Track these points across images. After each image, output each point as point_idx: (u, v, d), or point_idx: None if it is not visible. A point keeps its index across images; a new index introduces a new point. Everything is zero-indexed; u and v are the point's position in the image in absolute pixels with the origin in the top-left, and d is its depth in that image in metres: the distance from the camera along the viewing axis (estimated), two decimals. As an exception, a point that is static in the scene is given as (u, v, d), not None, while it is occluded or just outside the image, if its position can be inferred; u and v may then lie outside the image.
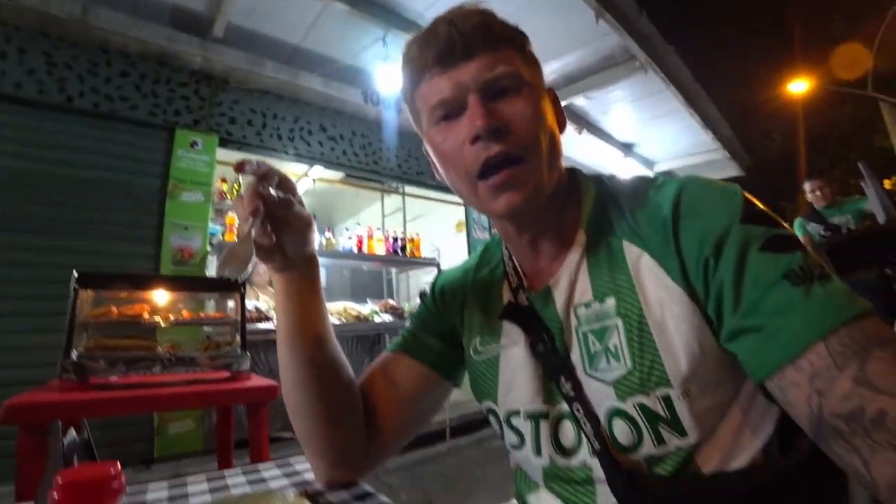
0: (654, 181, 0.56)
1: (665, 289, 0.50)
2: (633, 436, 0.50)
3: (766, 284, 0.42)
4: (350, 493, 0.62)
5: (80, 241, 2.91)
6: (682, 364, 0.47)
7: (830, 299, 0.40)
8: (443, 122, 0.55)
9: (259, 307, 3.22)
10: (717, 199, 0.49)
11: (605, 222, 0.57)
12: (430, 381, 0.68)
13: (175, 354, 1.61)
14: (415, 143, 4.85)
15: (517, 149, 0.51)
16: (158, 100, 3.30)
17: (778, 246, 0.44)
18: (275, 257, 0.57)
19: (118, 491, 0.40)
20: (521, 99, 0.52)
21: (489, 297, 0.66)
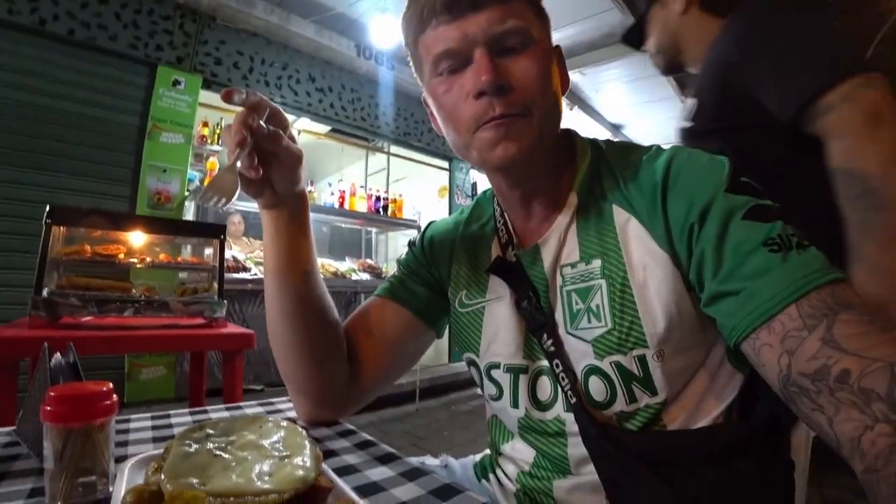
0: (648, 149, 0.57)
1: (650, 253, 0.51)
2: (606, 392, 0.53)
3: (746, 251, 0.44)
4: (333, 430, 0.64)
5: (52, 176, 2.79)
6: (659, 326, 0.50)
7: (805, 265, 0.42)
8: (446, 72, 0.53)
9: (236, 257, 3.18)
10: (705, 168, 0.50)
11: (597, 186, 0.58)
12: (413, 327, 0.69)
13: (150, 297, 1.58)
14: (405, 103, 4.75)
15: (519, 107, 0.51)
16: (140, 32, 3.12)
17: (759, 215, 0.45)
18: (263, 192, 0.56)
19: (110, 408, 0.40)
20: (528, 56, 0.52)
21: (478, 251, 0.67)
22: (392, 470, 0.51)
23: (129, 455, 0.47)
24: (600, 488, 0.53)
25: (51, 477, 0.39)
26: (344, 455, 0.55)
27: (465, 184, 5.44)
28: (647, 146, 0.59)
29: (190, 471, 0.36)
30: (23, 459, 0.50)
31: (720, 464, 0.50)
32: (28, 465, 0.49)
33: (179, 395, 3.01)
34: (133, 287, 1.63)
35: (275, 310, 0.62)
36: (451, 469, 0.75)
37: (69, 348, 0.55)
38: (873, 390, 0.35)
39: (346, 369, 0.65)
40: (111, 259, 1.61)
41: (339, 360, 0.65)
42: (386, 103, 4.60)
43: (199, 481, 0.35)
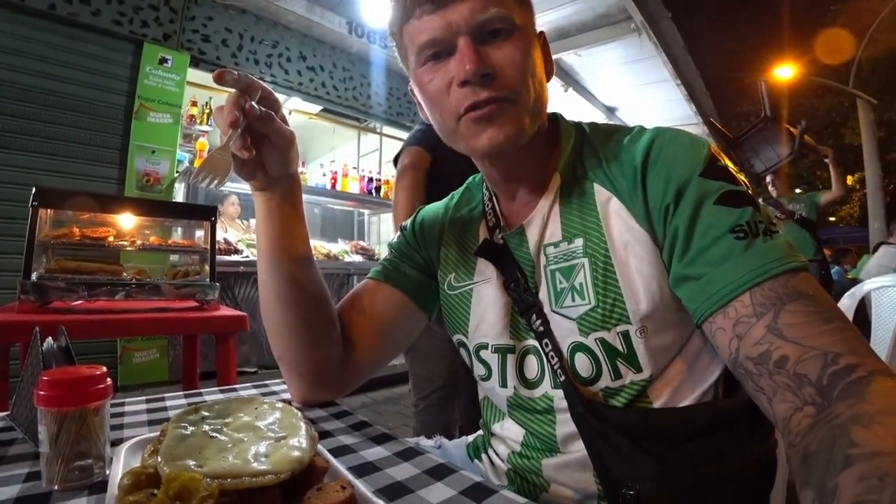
0: (631, 129, 0.59)
1: (630, 231, 0.53)
2: (592, 369, 0.54)
3: (714, 235, 0.46)
4: (327, 411, 0.64)
5: (37, 157, 2.73)
6: (641, 302, 0.51)
7: (766, 254, 0.44)
8: (430, 61, 0.54)
9: (228, 239, 3.15)
10: (684, 150, 0.52)
11: (579, 167, 0.59)
12: (406, 309, 0.70)
13: (141, 280, 1.57)
14: (397, 82, 4.68)
15: (504, 93, 0.52)
16: (124, 7, 3.03)
17: (732, 200, 0.47)
18: (255, 174, 0.57)
19: (105, 392, 0.40)
20: (512, 43, 0.52)
21: (466, 234, 0.68)
22: (387, 450, 0.51)
23: (124, 438, 0.47)
24: (588, 465, 0.54)
25: (47, 461, 0.39)
26: (339, 436, 0.55)
27: (458, 166, 5.39)
28: (630, 127, 0.59)
29: (186, 453, 0.36)
30: (18, 444, 0.50)
31: (705, 440, 0.52)
32: (23, 450, 0.49)
33: (173, 378, 3.01)
34: (124, 270, 1.62)
35: (268, 291, 0.62)
36: (445, 449, 0.76)
37: (61, 332, 0.55)
38: (806, 376, 0.38)
39: (340, 350, 0.66)
40: (100, 242, 1.59)
41: (333, 341, 0.65)
42: (378, 83, 4.53)
43: (196, 463, 0.35)
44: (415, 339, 0.74)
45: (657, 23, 4.32)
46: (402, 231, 0.76)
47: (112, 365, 2.86)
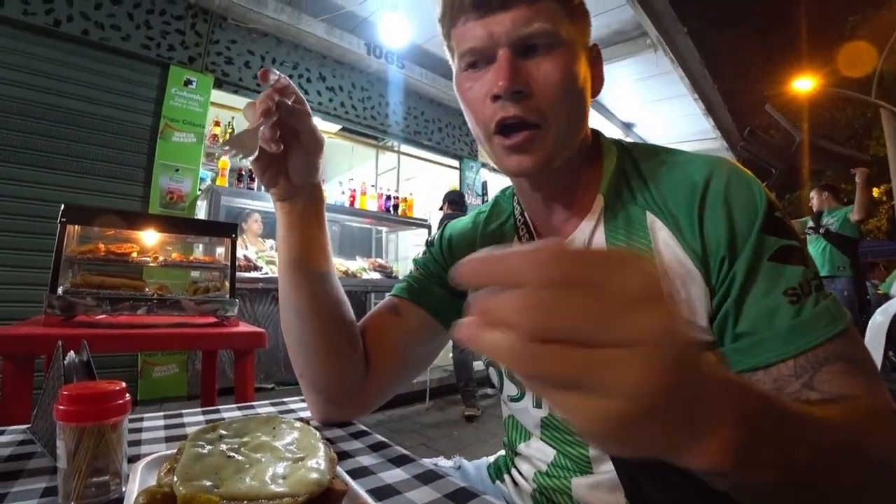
0: (677, 154, 0.57)
1: (680, 264, 0.51)
2: None
3: (767, 295, 0.47)
4: (346, 430, 0.63)
5: (65, 175, 2.82)
6: None
7: (816, 321, 0.45)
8: (471, 69, 0.54)
9: (248, 256, 3.19)
10: (747, 196, 0.50)
11: (625, 190, 0.56)
12: (429, 328, 0.67)
13: (162, 296, 1.59)
14: (414, 101, 4.75)
15: (534, 114, 0.51)
16: (152, 32, 3.15)
17: (786, 257, 0.47)
18: (278, 180, 0.56)
19: (123, 408, 0.40)
20: (553, 60, 0.51)
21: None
22: (406, 472, 0.50)
23: (142, 455, 0.46)
24: (619, 486, 0.52)
25: (64, 476, 0.39)
26: (358, 457, 0.54)
27: (475, 183, 5.42)
28: (674, 150, 0.58)
29: (203, 473, 0.35)
30: (37, 458, 0.50)
31: None
32: (42, 464, 0.49)
33: (191, 393, 3.03)
34: (146, 285, 1.64)
35: (289, 307, 0.61)
36: (464, 471, 0.74)
37: (83, 346, 0.55)
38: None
39: (362, 368, 0.64)
40: (124, 258, 1.62)
41: (355, 359, 0.63)
42: (396, 102, 4.60)
43: (213, 483, 0.34)
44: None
45: (673, 38, 4.32)
46: (428, 248, 0.75)
47: (132, 379, 2.89)
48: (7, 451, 0.52)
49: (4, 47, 2.68)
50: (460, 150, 5.23)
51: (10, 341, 1.18)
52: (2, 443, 0.54)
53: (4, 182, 2.63)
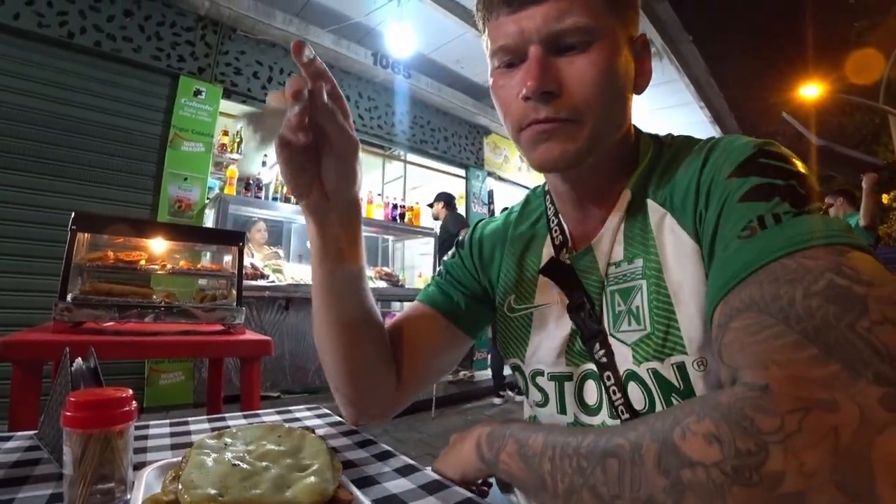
0: (699, 141, 0.53)
1: (682, 248, 0.48)
2: (645, 401, 0.50)
3: (726, 240, 0.41)
4: (351, 439, 0.63)
5: (76, 184, 2.86)
6: (696, 330, 0.46)
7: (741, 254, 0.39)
8: (504, 67, 0.52)
9: (255, 264, 3.21)
10: (729, 150, 0.47)
11: (648, 183, 0.54)
12: (453, 335, 0.67)
13: (170, 303, 1.60)
14: (421, 111, 4.77)
15: (566, 112, 0.48)
16: (163, 43, 3.20)
17: (759, 194, 0.41)
18: (311, 189, 0.50)
19: (129, 415, 0.40)
20: (588, 57, 0.47)
21: (528, 252, 0.64)
22: (412, 482, 0.49)
23: (147, 462, 0.46)
24: None
25: (69, 483, 0.39)
26: (363, 466, 0.53)
27: (481, 191, 5.42)
28: (704, 138, 0.54)
29: (208, 481, 0.35)
30: (43, 464, 0.50)
31: None
32: (48, 470, 0.49)
33: (197, 400, 3.03)
34: (153, 293, 1.65)
35: (324, 326, 0.59)
36: None
37: (90, 353, 0.55)
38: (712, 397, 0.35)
39: (394, 380, 0.64)
40: (133, 265, 1.63)
41: (389, 374, 0.63)
42: (402, 111, 4.63)
43: (218, 492, 0.34)
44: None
45: (678, 46, 4.34)
46: (457, 248, 0.73)
47: (139, 386, 2.90)
48: (14, 456, 0.52)
49: (19, 59, 2.73)
50: (466, 159, 5.25)
51: (19, 347, 1.18)
52: (9, 449, 0.55)
53: (17, 190, 2.67)
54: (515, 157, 5.89)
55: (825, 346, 0.31)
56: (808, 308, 0.32)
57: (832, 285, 0.33)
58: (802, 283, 0.34)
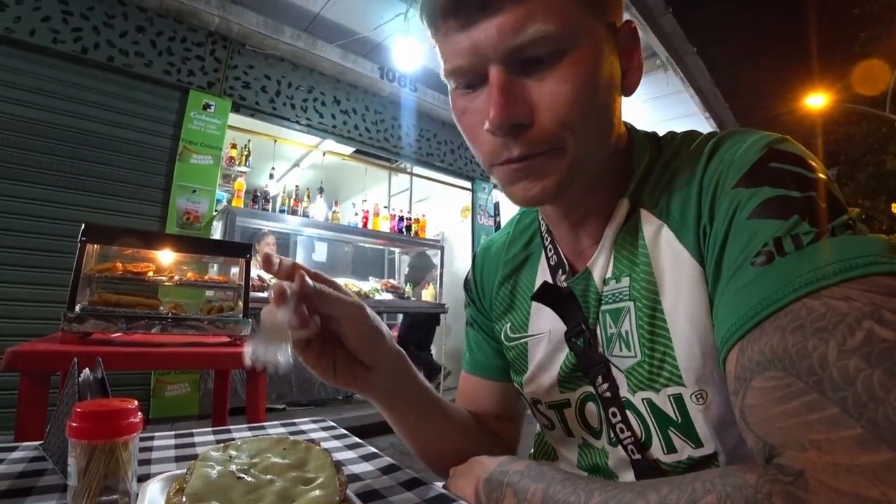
0: (701, 137, 0.47)
1: (681, 266, 0.43)
2: (641, 433, 0.46)
3: (737, 265, 0.36)
4: (356, 452, 0.62)
5: (86, 195, 2.89)
6: (695, 360, 0.41)
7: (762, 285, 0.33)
8: (463, 88, 0.44)
9: (262, 276, 3.22)
10: (733, 152, 0.41)
11: (643, 191, 0.48)
12: (508, 390, 0.65)
13: (177, 315, 1.61)
14: (427, 124, 4.81)
15: (543, 146, 0.41)
16: (173, 58, 3.26)
17: (771, 210, 0.35)
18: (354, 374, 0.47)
19: (135, 426, 0.40)
20: (560, 72, 0.39)
21: (521, 276, 0.60)
22: (417, 496, 0.48)
23: (151, 474, 0.46)
24: None
25: (74, 494, 0.39)
26: (369, 480, 0.53)
27: (487, 204, 5.43)
28: (703, 133, 0.48)
29: (212, 493, 0.35)
30: (48, 475, 0.50)
31: None
32: (53, 481, 0.48)
33: (203, 412, 3.02)
34: (161, 304, 1.67)
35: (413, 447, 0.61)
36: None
37: (97, 364, 0.55)
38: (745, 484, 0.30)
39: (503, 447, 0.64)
40: (141, 276, 1.65)
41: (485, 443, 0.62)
42: (409, 124, 4.66)
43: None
44: None
45: (682, 58, 4.35)
46: (467, 293, 0.69)
47: (145, 397, 2.90)
48: (19, 467, 0.52)
49: (34, 73, 2.79)
50: (472, 172, 5.27)
51: (28, 357, 1.19)
52: (14, 459, 0.54)
53: (28, 202, 2.71)
54: (521, 169, 5.89)
55: (872, 426, 0.25)
56: (844, 371, 0.27)
57: (872, 338, 0.27)
58: (835, 336, 0.28)
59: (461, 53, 0.41)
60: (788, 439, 0.28)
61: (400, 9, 3.55)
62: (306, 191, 3.99)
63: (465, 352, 0.70)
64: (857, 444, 0.25)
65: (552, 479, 0.41)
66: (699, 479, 0.31)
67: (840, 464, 0.25)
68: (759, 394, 0.31)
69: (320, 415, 0.87)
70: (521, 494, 0.42)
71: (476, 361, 0.67)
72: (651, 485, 0.34)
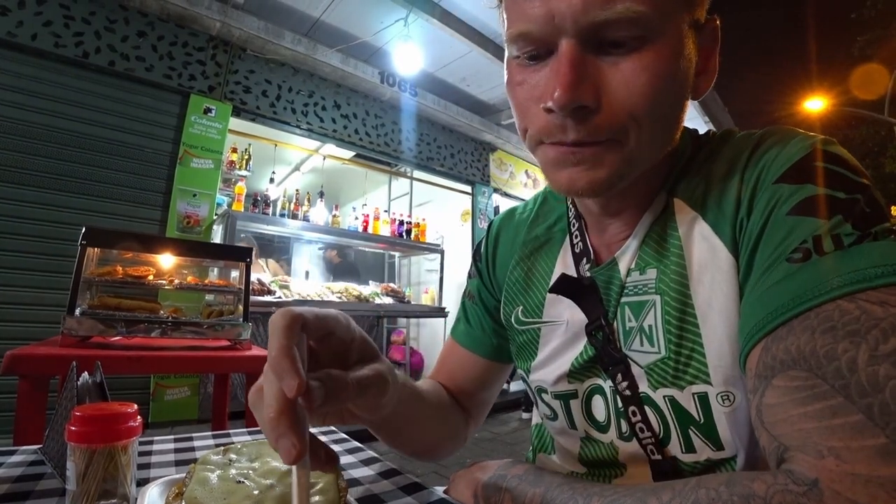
0: (738, 134, 0.46)
1: (716, 259, 0.41)
2: (660, 429, 0.45)
3: (772, 260, 0.35)
4: (357, 457, 0.62)
5: (87, 199, 2.90)
6: (726, 357, 0.40)
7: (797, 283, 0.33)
8: (524, 58, 0.40)
9: (262, 279, 3.22)
10: (779, 148, 0.40)
11: (679, 183, 0.47)
12: (492, 369, 0.66)
13: (177, 319, 1.60)
14: (427, 128, 4.82)
15: (604, 133, 0.38)
16: (174, 63, 3.27)
17: (810, 208, 0.34)
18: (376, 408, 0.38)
19: (134, 430, 0.40)
20: (640, 59, 0.36)
21: (540, 259, 0.57)
22: (418, 500, 0.48)
23: (151, 478, 0.46)
24: None
25: (72, 498, 0.38)
26: (369, 484, 0.52)
27: (487, 208, 5.44)
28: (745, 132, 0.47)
29: (212, 498, 0.35)
30: (47, 479, 0.50)
31: None
32: (51, 486, 0.48)
33: (203, 416, 3.02)
34: (161, 308, 1.66)
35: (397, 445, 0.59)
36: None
37: (96, 368, 0.55)
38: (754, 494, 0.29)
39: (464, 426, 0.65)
40: (141, 280, 1.64)
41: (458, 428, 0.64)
42: (409, 129, 4.67)
43: (221, 509, 0.33)
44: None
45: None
46: (475, 262, 0.67)
47: (144, 401, 2.90)
48: (18, 471, 0.52)
49: (35, 77, 2.80)
50: (472, 176, 5.28)
51: (27, 361, 1.19)
52: (13, 463, 0.54)
53: (29, 205, 2.71)
54: (521, 174, 5.91)
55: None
56: (873, 377, 0.26)
57: None
58: (867, 340, 0.27)
59: (534, 19, 0.37)
60: (805, 443, 0.27)
61: (400, 14, 3.56)
62: (307, 195, 4.00)
63: (459, 321, 0.68)
64: (880, 455, 0.24)
65: (550, 483, 0.41)
66: (703, 486, 0.30)
67: (859, 474, 0.24)
68: (780, 392, 0.30)
69: (320, 419, 0.87)
70: (519, 499, 0.42)
71: (470, 335, 0.66)
72: (651, 490, 0.33)
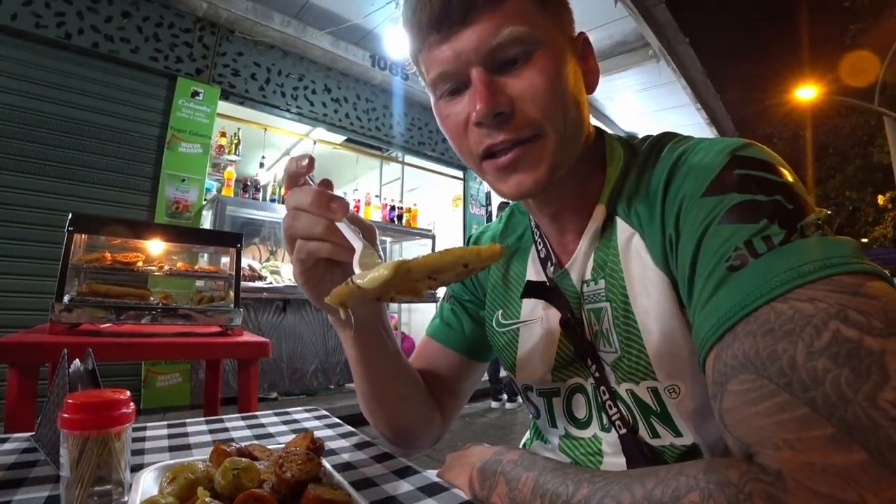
0: (669, 144, 0.49)
1: (647, 273, 0.47)
2: (629, 420, 0.50)
3: (710, 268, 0.37)
4: (349, 441, 0.63)
5: (73, 185, 2.85)
6: (665, 357, 0.45)
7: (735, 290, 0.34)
8: (447, 96, 0.48)
9: (252, 265, 3.20)
10: (700, 160, 0.43)
11: (619, 197, 0.51)
12: (464, 365, 0.68)
13: (167, 305, 1.59)
14: (418, 113, 4.78)
15: (526, 130, 0.45)
16: (161, 45, 3.20)
17: (742, 214, 0.37)
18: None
19: (128, 417, 0.40)
20: (533, 67, 0.45)
21: (514, 266, 0.63)
22: (411, 484, 0.49)
23: (145, 464, 0.46)
24: None
25: (66, 485, 0.39)
26: (362, 468, 0.53)
27: (479, 193, 5.43)
28: (674, 137, 0.51)
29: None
30: (40, 466, 0.50)
31: None
32: (45, 473, 0.48)
33: (195, 402, 3.02)
34: (151, 294, 1.65)
35: (362, 396, 0.61)
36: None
37: (88, 355, 0.55)
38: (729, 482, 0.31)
39: (439, 419, 0.66)
40: (130, 266, 1.63)
41: (427, 419, 0.64)
42: (400, 113, 4.63)
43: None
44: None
45: (675, 48, 4.35)
46: None
47: (136, 388, 2.89)
48: (11, 458, 0.52)
49: (16, 59, 2.72)
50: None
51: (16, 349, 1.18)
52: (6, 451, 0.54)
53: (13, 191, 2.66)
54: (513, 159, 5.89)
55: (843, 425, 0.26)
56: (812, 372, 0.28)
57: (838, 339, 0.28)
58: (803, 338, 0.29)
59: (446, 60, 0.46)
60: (762, 438, 0.29)
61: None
62: (297, 180, 3.96)
63: (435, 319, 0.72)
64: (830, 444, 0.26)
65: (543, 468, 0.43)
66: (683, 474, 0.32)
67: (814, 463, 0.26)
68: (734, 397, 0.32)
69: (312, 404, 0.88)
70: (512, 483, 0.44)
71: (444, 329, 0.69)
72: (637, 477, 0.35)
